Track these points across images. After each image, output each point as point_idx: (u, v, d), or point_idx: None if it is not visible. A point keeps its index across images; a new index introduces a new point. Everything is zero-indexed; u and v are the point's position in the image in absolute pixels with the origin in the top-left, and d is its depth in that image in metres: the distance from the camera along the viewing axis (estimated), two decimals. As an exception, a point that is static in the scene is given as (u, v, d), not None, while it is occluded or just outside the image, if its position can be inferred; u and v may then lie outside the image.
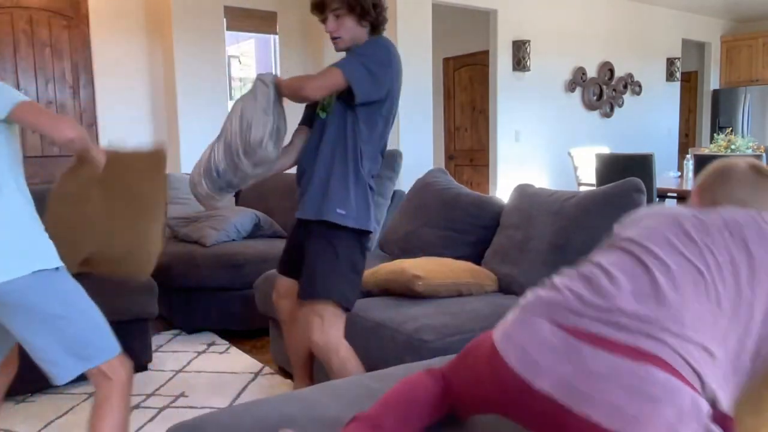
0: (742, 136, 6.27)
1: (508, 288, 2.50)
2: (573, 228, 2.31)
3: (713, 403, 1.03)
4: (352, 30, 2.06)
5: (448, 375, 1.36)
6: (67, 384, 2.83)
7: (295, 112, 2.27)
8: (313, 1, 2.10)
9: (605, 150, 6.51)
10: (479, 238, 2.79)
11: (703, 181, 1.46)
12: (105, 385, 1.77)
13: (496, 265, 2.60)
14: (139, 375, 2.98)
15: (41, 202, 3.41)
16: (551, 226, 2.39)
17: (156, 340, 3.50)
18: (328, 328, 2.07)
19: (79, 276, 2.86)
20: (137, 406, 2.64)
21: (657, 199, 4.93)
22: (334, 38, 2.08)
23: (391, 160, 3.65)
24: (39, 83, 4.87)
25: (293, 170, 2.28)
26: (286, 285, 2.35)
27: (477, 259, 2.81)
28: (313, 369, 2.42)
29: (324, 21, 2.09)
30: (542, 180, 6.70)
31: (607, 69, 7.20)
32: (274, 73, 2.11)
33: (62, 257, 1.73)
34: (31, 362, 2.71)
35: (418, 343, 2.04)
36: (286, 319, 2.38)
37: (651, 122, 7.85)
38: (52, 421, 2.51)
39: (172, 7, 5.18)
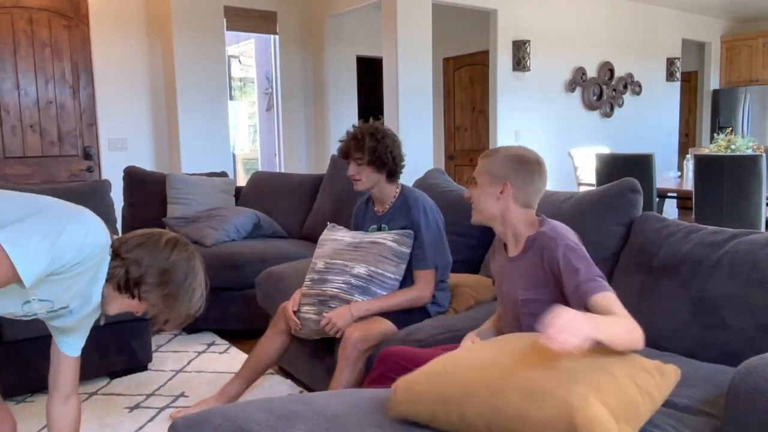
0: (742, 136, 6.26)
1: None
2: (571, 229, 2.31)
3: None
4: (371, 176, 2.46)
5: None
6: (67, 384, 2.84)
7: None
8: (341, 149, 2.52)
9: (605, 150, 6.52)
10: (480, 242, 2.79)
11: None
12: None
13: (495, 267, 2.60)
14: (139, 375, 2.99)
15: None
16: (550, 227, 2.39)
17: (156, 340, 3.50)
18: None
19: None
20: (137, 406, 2.64)
21: (657, 199, 4.93)
22: (354, 180, 2.47)
23: (391, 161, 3.64)
24: (39, 83, 4.88)
25: (295, 170, 2.34)
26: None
27: (478, 263, 2.81)
28: (254, 380, 2.58)
29: (348, 164, 2.48)
30: (542, 180, 6.70)
31: (607, 69, 7.21)
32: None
33: None
34: (31, 362, 2.73)
35: (412, 343, 2.09)
36: (278, 328, 2.53)
37: (651, 122, 7.85)
38: (52, 421, 2.51)
39: (172, 6, 5.19)
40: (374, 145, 2.42)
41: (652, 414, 1.35)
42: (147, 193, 4.30)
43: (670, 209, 8.11)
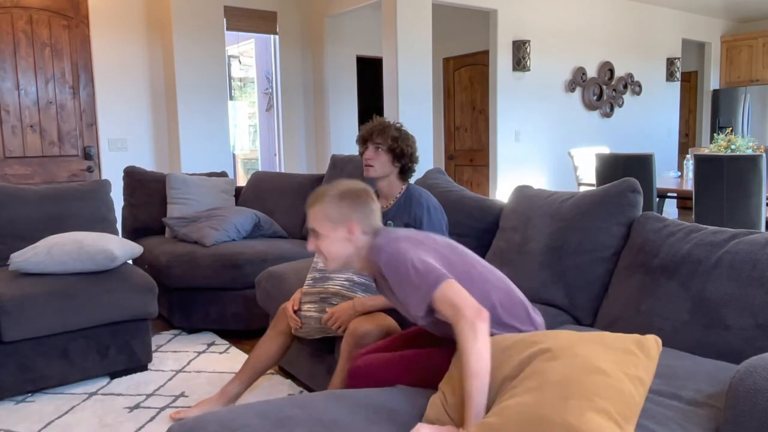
0: (742, 136, 6.26)
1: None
2: (569, 229, 2.31)
3: None
4: (384, 165, 2.48)
5: None
6: (67, 384, 2.85)
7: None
8: (363, 132, 2.51)
9: (605, 150, 6.52)
10: (481, 242, 2.79)
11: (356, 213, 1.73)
12: None
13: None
14: (139, 375, 2.99)
15: (41, 201, 3.42)
16: (548, 228, 2.39)
17: (156, 340, 3.50)
18: None
19: (79, 276, 2.87)
20: (137, 406, 2.64)
21: (657, 199, 4.93)
22: (367, 165, 2.48)
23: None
24: (39, 83, 4.88)
25: (296, 170, 2.34)
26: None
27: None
28: (253, 381, 2.54)
29: (365, 150, 2.50)
30: (542, 180, 6.70)
31: (607, 69, 7.21)
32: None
33: None
34: (31, 362, 2.73)
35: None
36: (279, 329, 2.52)
37: (651, 122, 7.85)
38: (52, 421, 2.51)
39: (172, 7, 5.19)
40: (397, 136, 2.49)
41: (645, 396, 1.35)
42: (147, 193, 4.30)
43: (670, 209, 8.11)
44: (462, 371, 1.45)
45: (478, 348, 1.44)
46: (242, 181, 8.26)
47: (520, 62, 6.27)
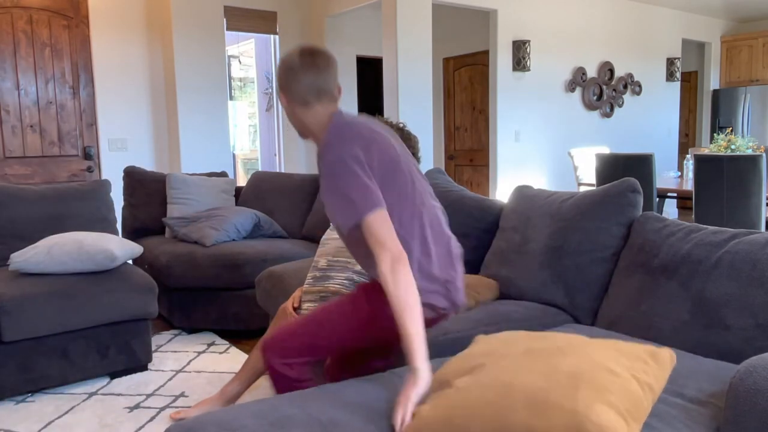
0: (742, 136, 6.27)
1: (507, 292, 2.50)
2: (569, 229, 2.31)
3: None
4: None
5: None
6: (67, 384, 2.85)
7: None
8: None
9: (605, 150, 6.52)
10: (481, 242, 2.79)
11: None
12: None
13: (495, 269, 2.60)
14: (139, 375, 2.99)
15: (41, 201, 3.42)
16: (548, 228, 2.39)
17: (156, 340, 3.50)
18: None
19: (79, 276, 2.87)
20: (137, 406, 2.64)
21: (657, 199, 4.93)
22: None
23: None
24: (39, 83, 4.88)
25: (295, 170, 2.33)
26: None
27: (479, 263, 2.81)
28: (253, 381, 2.52)
29: None
30: (542, 180, 6.70)
31: (607, 69, 7.21)
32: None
33: None
34: (31, 362, 2.73)
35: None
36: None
37: (651, 122, 7.85)
38: (52, 421, 2.51)
39: (172, 6, 5.19)
40: (400, 135, 2.52)
41: (653, 404, 1.35)
42: (147, 193, 4.30)
43: (670, 209, 8.11)
44: (393, 309, 1.48)
45: (403, 281, 1.47)
46: (242, 181, 8.26)
47: (520, 62, 6.27)
